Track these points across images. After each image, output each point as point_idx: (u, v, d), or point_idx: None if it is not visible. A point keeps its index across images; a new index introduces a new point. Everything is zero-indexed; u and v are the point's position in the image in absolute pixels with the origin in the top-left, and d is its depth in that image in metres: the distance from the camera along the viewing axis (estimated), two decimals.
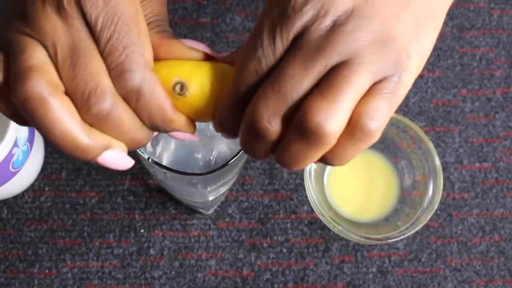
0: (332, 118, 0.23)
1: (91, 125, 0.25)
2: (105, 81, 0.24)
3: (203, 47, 0.28)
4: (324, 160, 0.25)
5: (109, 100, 0.24)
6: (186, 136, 0.29)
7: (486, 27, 0.58)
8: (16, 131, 0.42)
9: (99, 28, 0.24)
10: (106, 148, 0.26)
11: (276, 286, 0.49)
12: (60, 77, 0.24)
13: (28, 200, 0.50)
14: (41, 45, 0.24)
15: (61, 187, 0.51)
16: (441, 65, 0.56)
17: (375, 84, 0.24)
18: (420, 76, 0.56)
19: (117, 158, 0.27)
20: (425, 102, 0.55)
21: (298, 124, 0.23)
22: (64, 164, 0.51)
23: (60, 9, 0.24)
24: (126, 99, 0.25)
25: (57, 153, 0.52)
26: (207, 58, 0.28)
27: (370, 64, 0.23)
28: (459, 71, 0.56)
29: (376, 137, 0.24)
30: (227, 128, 0.26)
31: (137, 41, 0.25)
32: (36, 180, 0.51)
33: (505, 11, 0.58)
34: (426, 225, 0.51)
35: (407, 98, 0.55)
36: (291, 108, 0.24)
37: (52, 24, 0.24)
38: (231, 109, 0.26)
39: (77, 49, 0.24)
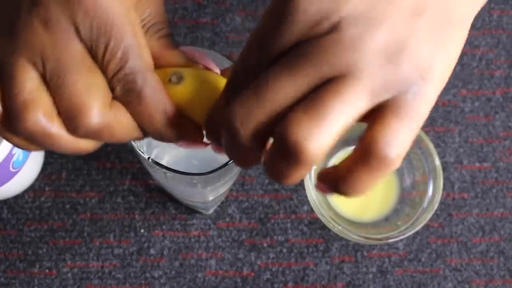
0: (313, 136, 0.20)
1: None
2: (90, 100, 0.24)
3: (204, 60, 0.27)
4: (338, 190, 0.23)
5: (95, 119, 0.24)
6: (196, 144, 0.27)
7: (486, 27, 0.58)
8: None
9: (95, 37, 0.23)
10: None
11: (276, 286, 0.49)
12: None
13: (28, 200, 0.50)
14: (31, 64, 0.24)
15: (61, 187, 0.51)
16: None
17: (387, 103, 0.21)
18: None
19: None
20: None
21: (277, 138, 0.21)
22: (64, 164, 0.51)
23: (47, 22, 0.23)
24: (127, 104, 0.25)
25: (57, 153, 0.52)
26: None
27: (370, 80, 0.21)
28: (459, 71, 0.56)
29: (397, 165, 0.21)
30: (213, 132, 0.25)
31: (134, 43, 0.24)
32: (36, 180, 0.51)
33: (505, 11, 0.58)
34: (426, 225, 0.51)
35: None
36: (270, 118, 0.21)
37: (40, 39, 0.23)
38: (219, 113, 0.25)
39: (64, 66, 0.23)
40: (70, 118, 0.24)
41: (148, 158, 0.32)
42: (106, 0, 0.23)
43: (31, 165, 0.48)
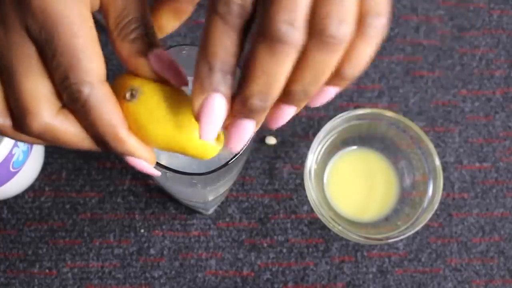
0: (346, 20, 0.22)
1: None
2: (35, 103, 0.24)
3: (172, 74, 0.26)
4: (343, 73, 0.24)
5: (36, 123, 0.24)
6: (144, 166, 0.27)
7: (486, 27, 0.58)
8: None
9: (43, 43, 0.23)
10: None
11: (276, 286, 0.49)
12: None
13: (28, 200, 0.50)
14: None
15: (61, 187, 0.51)
16: (441, 65, 0.56)
17: None
18: (420, 76, 0.56)
19: None
20: (425, 102, 0.55)
21: (317, 32, 0.22)
22: (64, 164, 0.52)
23: (4, 24, 0.23)
24: (75, 114, 0.25)
25: (57, 153, 0.52)
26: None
27: None
28: (459, 71, 0.56)
29: (386, 30, 0.23)
30: (225, 63, 0.23)
31: (82, 53, 0.23)
32: (36, 180, 0.51)
33: (505, 11, 0.58)
34: (426, 225, 0.51)
35: (407, 98, 0.55)
36: (306, 7, 0.22)
37: None
38: (231, 36, 0.23)
39: (14, 67, 0.24)
40: (15, 118, 0.24)
41: None
42: (57, 6, 0.23)
43: (31, 165, 0.48)
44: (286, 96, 0.24)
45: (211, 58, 0.23)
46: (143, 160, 0.26)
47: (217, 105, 0.24)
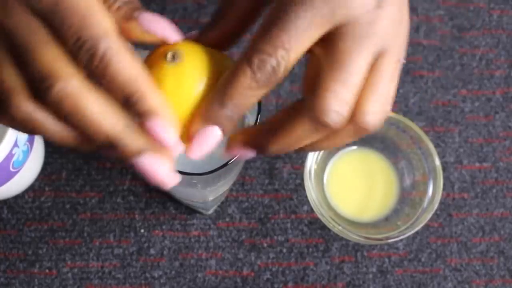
0: (377, 113, 0.25)
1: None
2: (61, 68, 0.23)
3: (163, 31, 0.25)
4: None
5: (58, 87, 0.23)
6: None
7: (486, 27, 0.58)
8: (16, 131, 0.42)
9: (49, 13, 0.23)
10: None
11: (276, 286, 0.49)
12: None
13: (28, 200, 0.50)
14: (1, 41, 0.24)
15: (61, 187, 0.51)
16: (441, 65, 0.56)
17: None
18: (420, 76, 0.56)
19: None
20: (425, 102, 0.55)
21: (355, 121, 0.24)
22: (64, 164, 0.52)
23: (6, 5, 0.24)
24: (96, 77, 0.24)
25: (57, 153, 0.52)
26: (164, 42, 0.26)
27: (397, 50, 0.25)
28: (459, 71, 0.56)
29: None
30: (238, 106, 0.25)
31: (89, 11, 0.23)
32: (36, 180, 0.51)
33: (505, 11, 0.58)
34: (426, 225, 0.51)
35: (407, 98, 0.55)
36: (355, 99, 0.24)
37: (2, 19, 0.24)
38: (252, 93, 0.24)
39: (28, 42, 0.23)
40: (35, 89, 0.23)
41: None
42: None
43: (31, 165, 0.48)
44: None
45: (226, 99, 0.24)
46: (168, 130, 0.24)
47: (213, 137, 0.25)
